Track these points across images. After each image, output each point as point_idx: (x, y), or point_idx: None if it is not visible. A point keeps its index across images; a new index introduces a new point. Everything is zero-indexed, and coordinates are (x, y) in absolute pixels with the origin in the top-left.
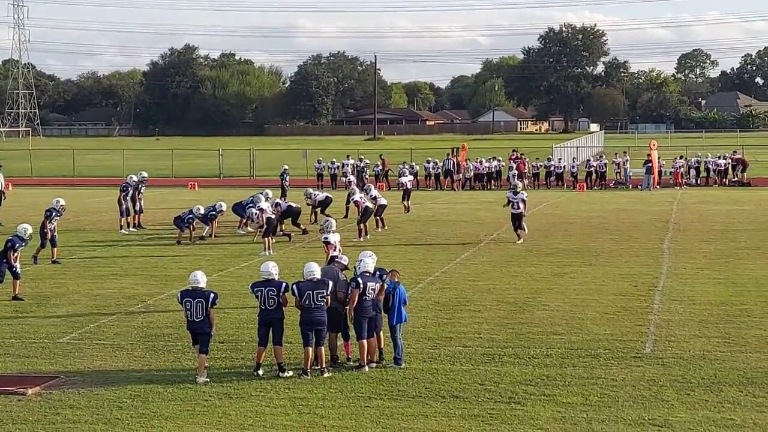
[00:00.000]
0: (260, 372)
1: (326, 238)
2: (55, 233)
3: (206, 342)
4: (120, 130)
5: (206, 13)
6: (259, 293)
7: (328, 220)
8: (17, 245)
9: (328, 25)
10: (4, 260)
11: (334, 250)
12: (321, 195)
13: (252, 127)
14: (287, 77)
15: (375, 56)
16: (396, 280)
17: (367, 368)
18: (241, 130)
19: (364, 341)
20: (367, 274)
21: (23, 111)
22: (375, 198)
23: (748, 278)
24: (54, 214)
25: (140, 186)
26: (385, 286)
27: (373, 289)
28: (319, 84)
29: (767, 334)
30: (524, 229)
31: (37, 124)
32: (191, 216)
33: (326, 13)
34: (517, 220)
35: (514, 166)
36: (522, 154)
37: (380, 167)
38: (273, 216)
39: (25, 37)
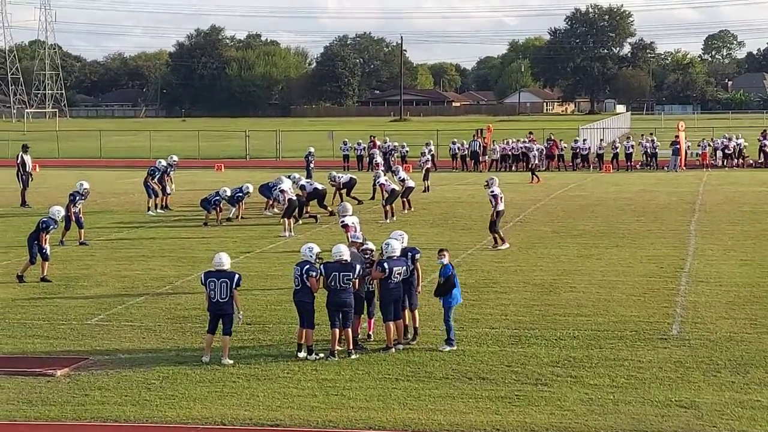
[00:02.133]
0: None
1: (343, 221)
2: (81, 215)
3: (229, 323)
4: (146, 111)
5: None
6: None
7: (342, 205)
8: (50, 227)
9: (355, 6)
10: (36, 241)
11: (355, 232)
12: (345, 177)
13: (278, 109)
14: (313, 58)
15: (401, 37)
16: (444, 260)
17: (393, 350)
18: (267, 112)
19: (391, 323)
20: (394, 257)
21: (50, 92)
22: (403, 180)
23: None
24: (78, 197)
25: (169, 170)
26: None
27: (400, 273)
28: (345, 65)
29: None
30: (497, 236)
31: (64, 105)
32: (218, 198)
33: None
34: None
35: (534, 148)
36: (552, 135)
37: (363, 147)
38: (294, 197)
39: (52, 17)
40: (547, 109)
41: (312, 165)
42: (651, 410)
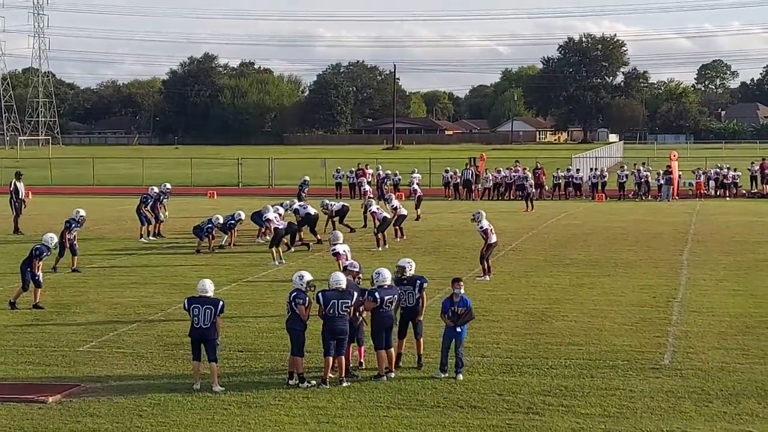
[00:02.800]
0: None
1: (334, 249)
2: (75, 243)
3: (213, 349)
4: (139, 138)
5: (226, 21)
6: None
7: (333, 233)
8: (43, 254)
9: (348, 34)
10: (29, 268)
11: (346, 260)
12: (337, 205)
13: (271, 136)
14: (306, 86)
15: (394, 65)
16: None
17: (385, 378)
18: (260, 139)
19: (383, 351)
20: (385, 286)
21: (43, 119)
22: (396, 208)
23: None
24: (74, 224)
25: (162, 197)
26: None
27: (391, 301)
28: (338, 93)
29: None
30: (485, 266)
31: (57, 132)
32: (210, 225)
33: (346, 21)
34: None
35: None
36: (540, 164)
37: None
38: (282, 226)
39: (45, 45)
40: (539, 138)
41: (304, 194)
42: None
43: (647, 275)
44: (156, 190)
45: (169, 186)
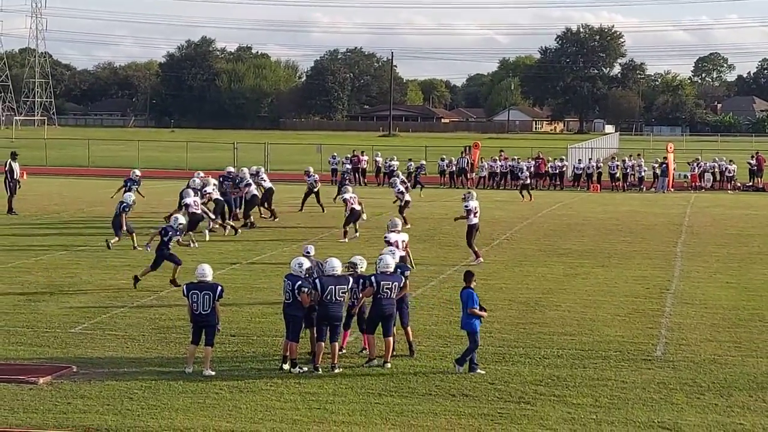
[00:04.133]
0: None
1: (387, 237)
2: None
3: (212, 335)
4: (135, 121)
5: (224, 5)
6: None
7: (392, 219)
8: (170, 233)
9: (346, 21)
10: (165, 248)
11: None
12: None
13: (267, 121)
14: (303, 72)
15: (392, 53)
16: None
17: (375, 362)
18: (256, 124)
19: (372, 337)
20: (387, 273)
21: (39, 100)
22: (402, 193)
23: (761, 283)
24: (126, 207)
25: (130, 184)
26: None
27: (390, 288)
28: (335, 79)
29: None
30: (474, 250)
31: (53, 113)
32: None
33: (344, 8)
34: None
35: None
36: (541, 154)
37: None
38: (198, 211)
39: (42, 26)
40: (536, 128)
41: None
42: (633, 431)
43: (641, 266)
44: (138, 172)
45: (138, 173)
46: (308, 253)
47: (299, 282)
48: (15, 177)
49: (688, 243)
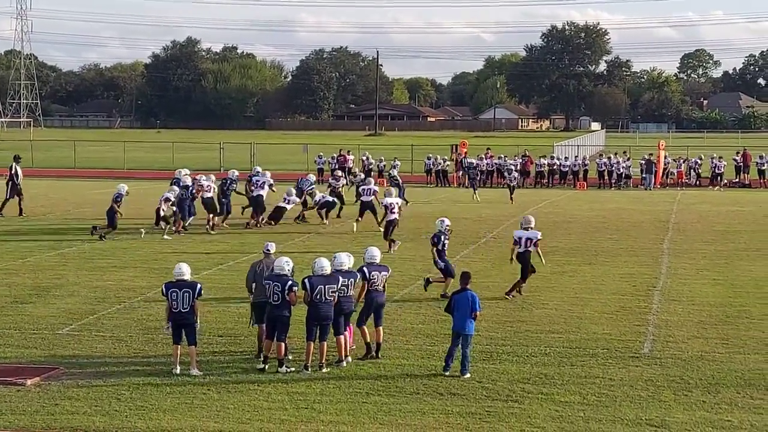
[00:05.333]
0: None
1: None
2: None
3: (193, 333)
4: (121, 122)
5: (209, 5)
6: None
7: (526, 217)
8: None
9: (331, 20)
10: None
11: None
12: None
13: (253, 121)
14: (289, 71)
15: (377, 51)
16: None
17: (344, 363)
18: (243, 124)
19: (364, 327)
20: (374, 264)
21: (25, 102)
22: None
23: (748, 279)
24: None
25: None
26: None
27: (377, 278)
28: (321, 79)
29: (766, 336)
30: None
31: (39, 115)
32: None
33: (330, 7)
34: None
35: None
36: (528, 152)
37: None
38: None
39: (28, 27)
40: (522, 126)
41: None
42: (621, 428)
43: (628, 264)
44: (236, 173)
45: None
46: (268, 251)
47: (290, 282)
48: (19, 180)
49: (674, 240)
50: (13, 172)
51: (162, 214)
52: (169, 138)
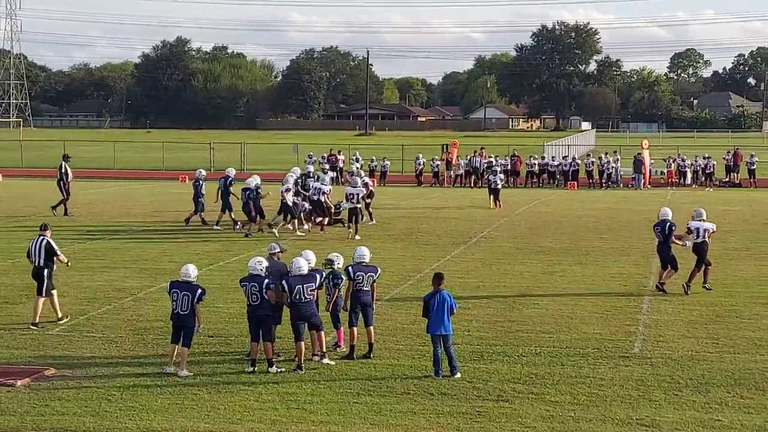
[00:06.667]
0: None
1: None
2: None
3: (189, 336)
4: (111, 122)
5: (199, 5)
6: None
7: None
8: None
9: (322, 20)
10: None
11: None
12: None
13: (243, 121)
14: (279, 71)
15: (367, 51)
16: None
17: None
18: (233, 124)
19: (354, 329)
20: (362, 264)
21: (14, 102)
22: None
23: (738, 279)
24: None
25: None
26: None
27: (363, 279)
28: (311, 78)
29: (756, 336)
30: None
31: (28, 114)
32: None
33: (320, 7)
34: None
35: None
36: (516, 152)
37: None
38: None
39: (18, 27)
40: (512, 125)
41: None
42: (612, 428)
43: (618, 263)
44: (204, 173)
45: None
46: (273, 251)
47: (266, 281)
48: (68, 180)
49: None
50: (63, 171)
51: (290, 205)
52: (159, 138)
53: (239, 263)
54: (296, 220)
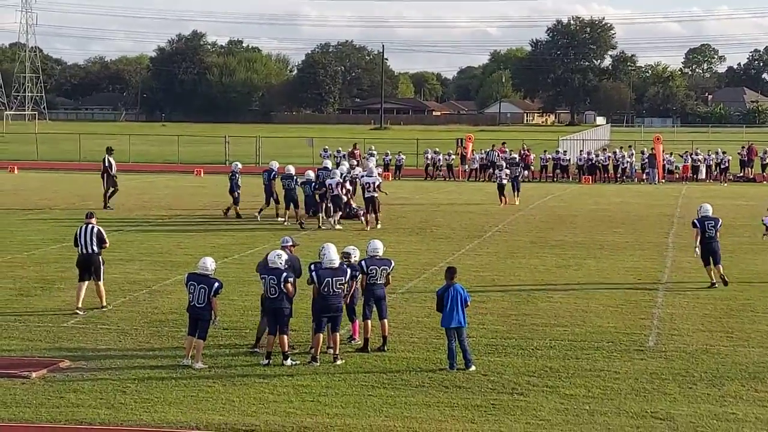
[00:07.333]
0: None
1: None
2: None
3: (205, 329)
4: (126, 115)
5: None
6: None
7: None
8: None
9: (337, 14)
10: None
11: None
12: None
13: (258, 115)
14: (294, 65)
15: (383, 45)
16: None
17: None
18: (248, 118)
19: (368, 321)
20: (376, 257)
21: (29, 95)
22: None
23: (752, 273)
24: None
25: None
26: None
27: (376, 272)
28: (326, 72)
29: None
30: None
31: (44, 108)
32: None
33: (335, 1)
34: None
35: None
36: (527, 147)
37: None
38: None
39: (33, 20)
40: (527, 120)
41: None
42: (626, 421)
43: (633, 257)
44: (239, 165)
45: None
46: (286, 244)
47: (285, 274)
48: (113, 172)
49: (679, 234)
50: (107, 164)
51: (345, 199)
52: (174, 131)
53: (255, 256)
54: (321, 214)
